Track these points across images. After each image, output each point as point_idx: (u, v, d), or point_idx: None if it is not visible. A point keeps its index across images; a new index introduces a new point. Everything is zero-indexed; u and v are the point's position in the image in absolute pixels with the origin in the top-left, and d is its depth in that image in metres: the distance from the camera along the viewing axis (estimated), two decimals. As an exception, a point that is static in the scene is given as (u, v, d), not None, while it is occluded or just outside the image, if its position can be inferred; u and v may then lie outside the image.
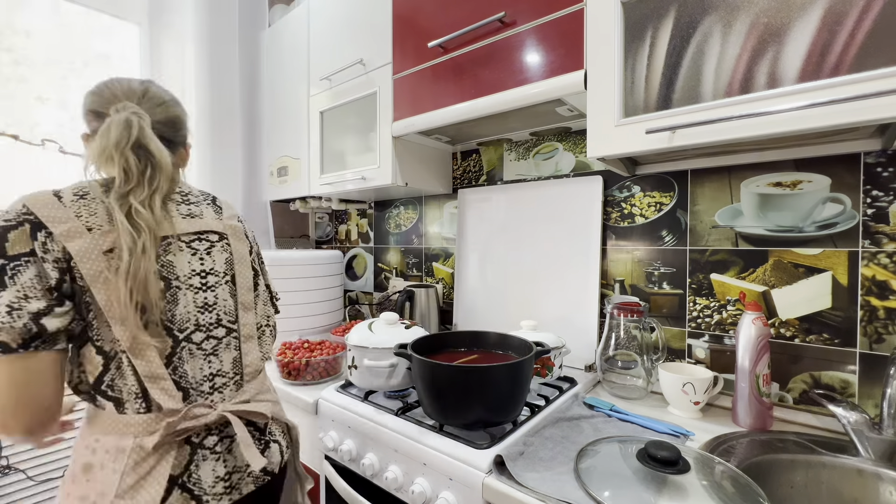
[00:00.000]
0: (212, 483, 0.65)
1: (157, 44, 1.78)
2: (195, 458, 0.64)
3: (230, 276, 0.75)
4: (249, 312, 0.77)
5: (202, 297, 0.70)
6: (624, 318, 1.00)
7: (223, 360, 0.71)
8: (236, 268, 0.75)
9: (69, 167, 1.53)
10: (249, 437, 0.67)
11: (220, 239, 0.75)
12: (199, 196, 0.78)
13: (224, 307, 0.73)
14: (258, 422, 0.72)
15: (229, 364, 0.72)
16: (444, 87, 1.11)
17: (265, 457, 0.71)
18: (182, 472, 0.62)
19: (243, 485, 0.68)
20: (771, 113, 0.64)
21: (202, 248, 0.71)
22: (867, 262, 0.83)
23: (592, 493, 0.60)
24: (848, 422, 0.72)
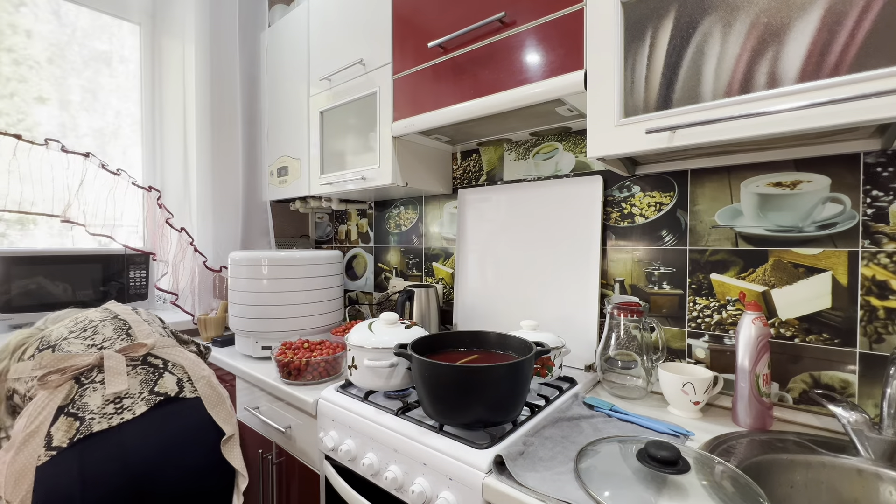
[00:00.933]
0: (101, 405, 0.80)
1: (158, 44, 1.78)
2: (80, 391, 0.81)
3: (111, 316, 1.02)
4: (141, 324, 1.02)
5: (73, 323, 0.97)
6: (624, 318, 1.00)
7: (104, 334, 0.93)
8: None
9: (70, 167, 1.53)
10: (121, 367, 0.85)
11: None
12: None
13: (97, 318, 0.99)
14: (150, 359, 0.91)
15: (111, 332, 0.94)
16: (443, 87, 1.11)
17: (157, 383, 0.88)
18: (68, 403, 0.79)
19: (136, 406, 0.82)
20: (771, 113, 0.64)
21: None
22: (867, 262, 0.83)
23: (592, 493, 0.60)
24: (848, 422, 0.72)
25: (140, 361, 0.90)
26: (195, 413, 0.88)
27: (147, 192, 1.71)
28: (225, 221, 1.75)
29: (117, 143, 1.73)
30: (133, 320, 1.00)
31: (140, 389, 0.85)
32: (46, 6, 1.56)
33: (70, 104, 1.61)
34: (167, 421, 0.84)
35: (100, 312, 1.01)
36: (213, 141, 1.70)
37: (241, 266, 1.33)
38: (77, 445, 0.74)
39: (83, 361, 0.84)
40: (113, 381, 0.83)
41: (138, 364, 0.89)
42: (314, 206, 1.76)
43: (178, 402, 0.87)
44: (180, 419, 0.86)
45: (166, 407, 0.85)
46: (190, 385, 0.91)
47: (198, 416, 0.89)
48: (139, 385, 0.85)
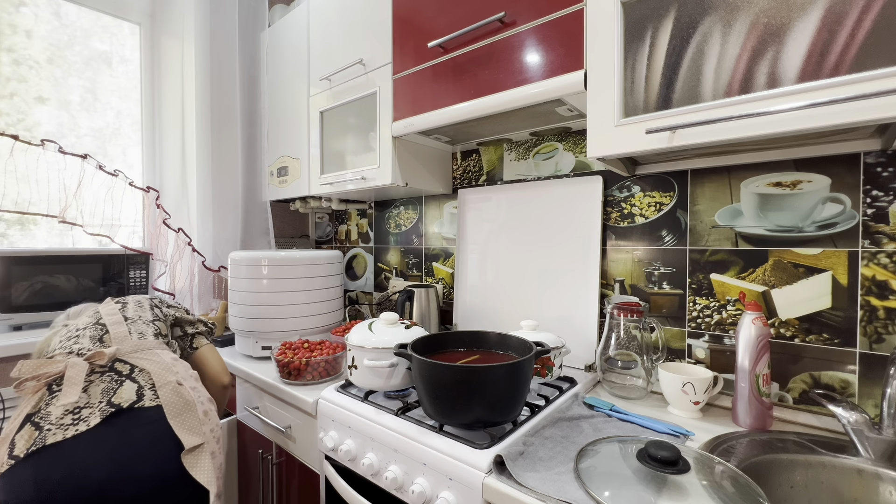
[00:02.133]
0: (60, 415, 0.78)
1: (158, 44, 1.78)
2: (48, 399, 0.81)
3: (94, 321, 1.03)
4: (119, 326, 1.01)
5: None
6: (624, 318, 1.00)
7: (82, 343, 0.93)
8: (104, 317, 1.05)
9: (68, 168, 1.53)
10: (79, 376, 0.83)
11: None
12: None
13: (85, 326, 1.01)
14: (117, 366, 0.89)
15: (88, 342, 0.94)
16: (443, 87, 1.11)
17: (116, 392, 0.84)
18: (36, 411, 0.79)
19: (91, 417, 0.79)
20: (771, 113, 0.64)
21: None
22: (867, 262, 0.83)
23: (592, 492, 0.60)
24: (848, 422, 0.72)
25: (107, 368, 0.88)
26: (153, 423, 0.82)
27: (145, 193, 1.71)
28: (224, 221, 1.75)
29: (117, 143, 1.73)
30: (113, 322, 0.99)
31: (99, 399, 0.81)
32: (46, 6, 1.56)
33: (70, 104, 1.61)
34: (121, 433, 0.79)
35: (90, 317, 1.02)
36: (212, 141, 1.70)
37: (240, 266, 1.33)
38: (32, 457, 0.72)
39: (54, 369, 0.83)
40: (67, 391, 0.80)
41: (105, 371, 0.87)
42: (314, 206, 1.76)
43: (132, 413, 0.82)
44: (134, 431, 0.80)
45: (120, 418, 0.80)
46: (151, 393, 0.86)
47: (156, 426, 0.82)
48: (100, 394, 0.82)
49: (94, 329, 0.98)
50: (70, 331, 0.98)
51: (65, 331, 0.99)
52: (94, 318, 1.02)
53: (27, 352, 1.30)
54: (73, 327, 0.99)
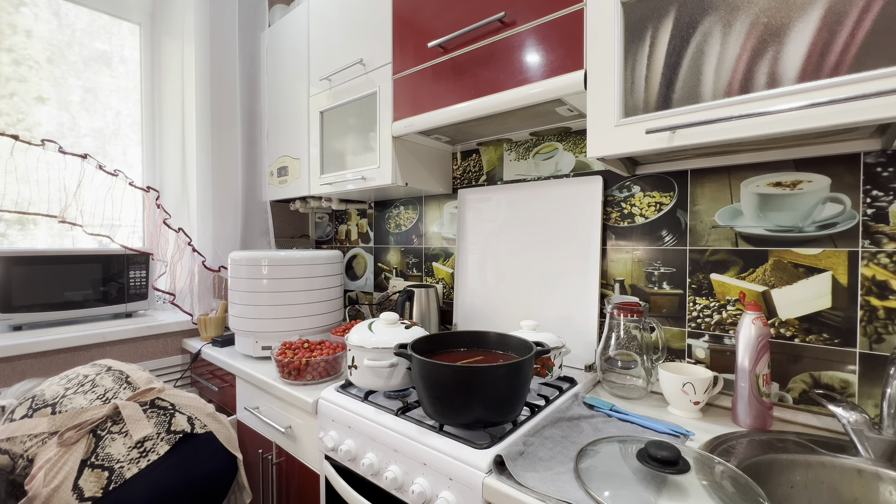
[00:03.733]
0: (126, 452, 0.84)
1: (158, 44, 1.78)
2: (100, 443, 0.85)
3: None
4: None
5: (65, 380, 0.98)
6: (624, 318, 1.00)
7: (104, 386, 0.96)
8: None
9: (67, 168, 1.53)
10: (138, 413, 0.90)
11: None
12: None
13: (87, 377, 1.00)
14: (158, 402, 0.96)
15: (111, 383, 0.96)
16: (443, 87, 1.11)
17: (171, 425, 0.92)
18: (90, 456, 0.83)
19: (158, 447, 0.88)
20: (771, 113, 0.64)
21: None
22: (867, 262, 0.83)
23: (592, 492, 0.60)
24: (848, 422, 0.72)
25: (148, 405, 0.94)
26: (208, 447, 0.95)
27: (145, 193, 1.71)
28: (224, 221, 1.75)
29: (117, 143, 1.73)
30: (128, 369, 1.04)
31: (158, 430, 0.90)
32: (46, 6, 1.56)
33: (70, 104, 1.61)
34: (188, 457, 0.90)
35: (90, 368, 1.03)
36: (212, 141, 1.70)
37: (241, 266, 1.33)
38: (112, 494, 0.79)
39: (98, 414, 0.87)
40: (136, 426, 0.88)
41: (147, 408, 0.94)
42: (314, 206, 1.76)
43: (193, 438, 0.94)
44: (198, 454, 0.92)
45: (185, 444, 0.92)
46: (199, 422, 0.97)
47: (211, 449, 0.95)
48: (156, 426, 0.91)
49: (110, 374, 1.00)
50: (73, 380, 0.97)
51: (62, 382, 0.96)
52: (99, 367, 1.03)
53: (28, 352, 1.29)
54: (77, 376, 0.98)
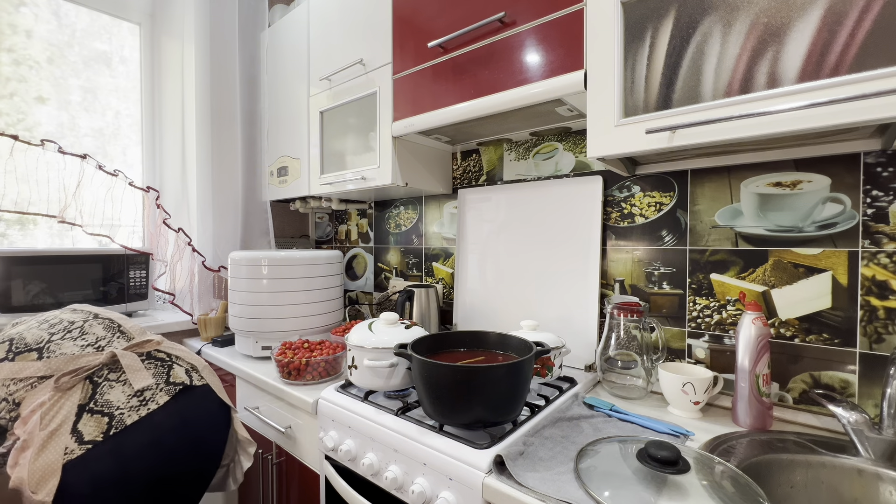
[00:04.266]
0: (125, 400, 0.87)
1: (158, 44, 1.78)
2: (98, 390, 0.87)
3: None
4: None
5: (46, 324, 0.97)
6: (624, 318, 1.00)
7: (95, 333, 0.96)
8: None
9: (67, 168, 1.53)
10: (137, 363, 0.92)
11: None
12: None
13: (72, 320, 1.00)
14: (155, 353, 0.98)
15: (102, 332, 0.97)
16: (443, 87, 1.11)
17: (170, 376, 0.95)
18: (88, 401, 0.85)
19: (159, 397, 0.90)
20: (771, 113, 0.64)
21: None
22: (867, 262, 0.83)
23: (592, 492, 0.60)
24: (848, 422, 0.72)
25: (146, 356, 0.97)
26: (205, 400, 0.98)
27: (145, 193, 1.71)
28: (224, 221, 1.75)
29: (117, 143, 1.73)
30: (116, 317, 1.05)
31: (157, 381, 0.93)
32: (46, 6, 1.56)
33: (70, 104, 1.61)
34: (187, 408, 0.93)
35: (72, 314, 1.01)
36: (212, 141, 1.70)
37: (240, 266, 1.33)
38: (113, 438, 0.83)
39: (95, 361, 0.90)
40: (136, 377, 0.90)
41: (145, 359, 0.96)
42: (314, 206, 1.76)
43: (191, 391, 0.96)
44: (196, 407, 0.95)
45: (184, 395, 0.95)
46: (196, 374, 1.00)
47: (208, 401, 0.98)
48: (153, 377, 0.93)
49: (99, 321, 1.00)
50: (56, 325, 0.96)
51: (43, 326, 0.95)
52: (83, 314, 1.02)
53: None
54: (59, 321, 0.97)
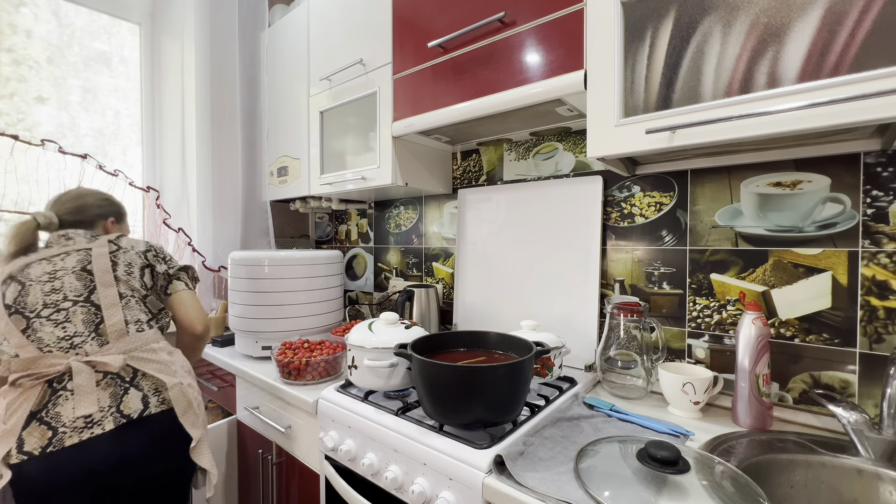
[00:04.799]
0: (72, 418, 0.83)
1: (158, 44, 1.78)
2: (53, 398, 0.84)
3: (80, 267, 0.96)
4: (109, 288, 0.96)
5: (49, 286, 0.93)
6: (624, 318, 1.00)
7: (75, 324, 0.91)
8: (93, 261, 0.98)
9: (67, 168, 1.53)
10: (89, 384, 0.86)
11: (78, 250, 0.99)
12: (84, 235, 1.05)
13: (70, 288, 0.94)
14: (114, 371, 0.89)
15: (82, 326, 0.91)
16: (443, 87, 1.11)
17: (123, 400, 0.88)
18: (41, 409, 0.83)
19: (105, 422, 0.85)
20: (771, 113, 0.64)
21: (56, 256, 0.98)
22: (867, 261, 0.83)
23: (592, 492, 0.60)
24: (848, 422, 0.72)
25: (104, 374, 0.89)
26: (159, 426, 0.91)
27: (145, 193, 1.71)
28: (225, 221, 1.75)
29: (117, 144, 1.73)
30: (107, 304, 0.94)
31: (109, 403, 0.87)
32: (46, 6, 1.56)
33: (70, 104, 1.61)
34: (131, 438, 0.87)
35: (78, 277, 0.94)
36: (212, 141, 1.70)
37: (240, 266, 1.33)
38: (49, 456, 0.80)
39: (54, 369, 0.86)
40: (81, 401, 0.84)
41: (102, 378, 0.88)
42: (314, 206, 1.76)
43: (142, 423, 0.89)
44: (143, 437, 0.89)
45: (130, 429, 0.87)
46: (156, 399, 0.92)
47: (161, 428, 0.92)
48: (108, 398, 0.87)
49: (85, 309, 0.92)
50: (55, 294, 0.92)
51: (45, 288, 0.92)
52: (83, 283, 0.94)
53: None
54: (60, 289, 0.93)
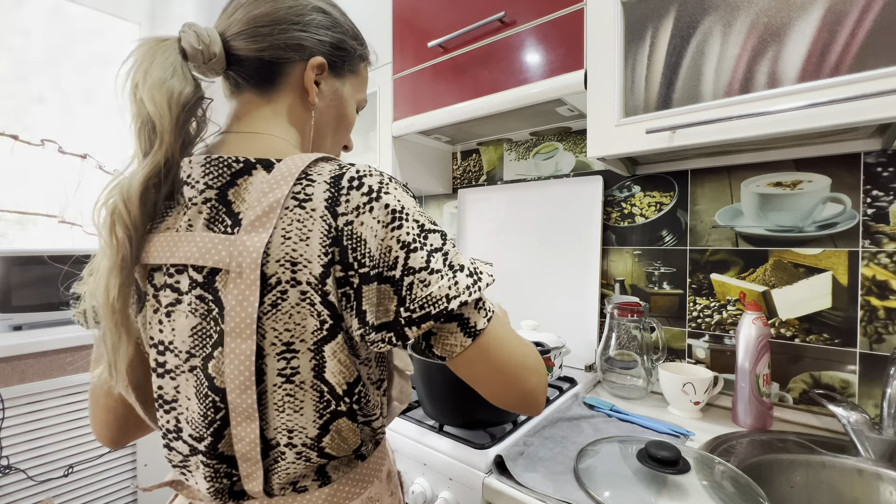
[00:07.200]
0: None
1: (157, 44, 1.78)
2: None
3: (202, 357, 0.43)
4: (248, 423, 0.41)
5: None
6: (624, 318, 0.99)
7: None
8: (226, 341, 0.40)
9: (68, 167, 1.53)
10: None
11: (196, 285, 0.42)
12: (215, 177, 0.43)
13: (187, 417, 0.45)
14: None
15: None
16: (443, 87, 1.11)
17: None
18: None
19: None
20: (771, 113, 0.64)
21: (165, 301, 0.44)
22: (867, 261, 0.83)
23: (592, 493, 0.60)
24: (848, 422, 0.72)
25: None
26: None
27: (147, 192, 1.71)
28: (225, 221, 1.74)
29: (117, 143, 1.73)
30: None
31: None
32: (46, 6, 1.56)
33: (70, 104, 1.61)
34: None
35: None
36: (212, 141, 1.70)
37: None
38: None
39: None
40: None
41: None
42: (314, 206, 1.75)
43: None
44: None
45: None
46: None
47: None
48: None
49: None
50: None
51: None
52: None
53: (28, 352, 1.29)
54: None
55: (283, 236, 0.39)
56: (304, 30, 0.49)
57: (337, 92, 0.55)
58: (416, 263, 0.40)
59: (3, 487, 1.21)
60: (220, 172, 0.42)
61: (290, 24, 0.49)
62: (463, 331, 0.42)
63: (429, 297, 0.40)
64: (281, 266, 0.39)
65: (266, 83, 0.50)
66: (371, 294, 0.40)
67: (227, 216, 0.42)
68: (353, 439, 0.45)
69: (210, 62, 0.48)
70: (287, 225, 0.39)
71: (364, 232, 0.40)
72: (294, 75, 0.50)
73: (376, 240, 0.40)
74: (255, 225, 0.40)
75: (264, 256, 0.39)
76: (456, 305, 0.40)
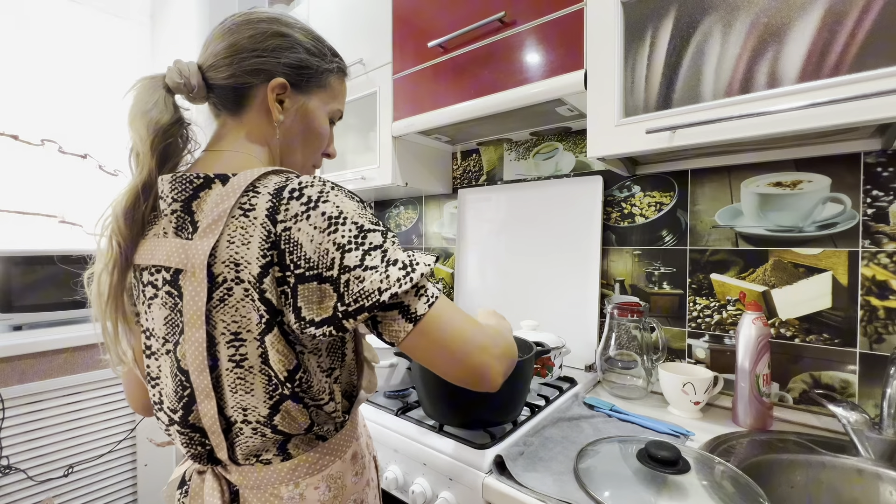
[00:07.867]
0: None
1: (158, 43, 1.78)
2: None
3: (173, 343, 0.50)
4: (208, 401, 0.49)
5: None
6: (624, 318, 0.99)
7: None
8: (185, 330, 0.47)
9: (68, 167, 1.53)
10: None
11: (165, 282, 0.50)
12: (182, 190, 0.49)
13: (165, 392, 0.53)
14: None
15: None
16: (444, 87, 1.11)
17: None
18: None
19: None
20: (771, 113, 0.64)
21: (148, 295, 0.52)
22: (867, 261, 0.83)
23: (592, 493, 0.60)
24: (848, 422, 0.72)
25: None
26: None
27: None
28: (225, 221, 1.75)
29: (117, 143, 1.73)
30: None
31: None
32: (46, 5, 1.56)
33: (70, 104, 1.61)
34: None
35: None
36: (212, 141, 1.70)
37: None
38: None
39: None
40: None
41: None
42: (314, 206, 1.75)
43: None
44: None
45: None
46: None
47: None
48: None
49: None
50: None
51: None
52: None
53: (28, 352, 1.29)
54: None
55: (228, 241, 0.46)
56: (261, 55, 0.55)
57: (302, 107, 0.59)
58: (351, 262, 0.45)
59: (3, 487, 1.22)
60: (183, 187, 0.49)
61: (250, 52, 0.55)
62: (404, 317, 0.47)
63: (362, 292, 0.45)
64: (226, 266, 0.46)
65: (237, 106, 0.57)
66: (308, 292, 0.45)
67: (190, 224, 0.49)
68: (303, 419, 0.51)
69: (193, 92, 0.55)
70: (232, 231, 0.46)
71: (301, 237, 0.45)
72: (259, 97, 0.56)
73: (313, 244, 0.45)
74: (206, 231, 0.47)
75: (212, 258, 0.46)
76: (387, 297, 0.44)
